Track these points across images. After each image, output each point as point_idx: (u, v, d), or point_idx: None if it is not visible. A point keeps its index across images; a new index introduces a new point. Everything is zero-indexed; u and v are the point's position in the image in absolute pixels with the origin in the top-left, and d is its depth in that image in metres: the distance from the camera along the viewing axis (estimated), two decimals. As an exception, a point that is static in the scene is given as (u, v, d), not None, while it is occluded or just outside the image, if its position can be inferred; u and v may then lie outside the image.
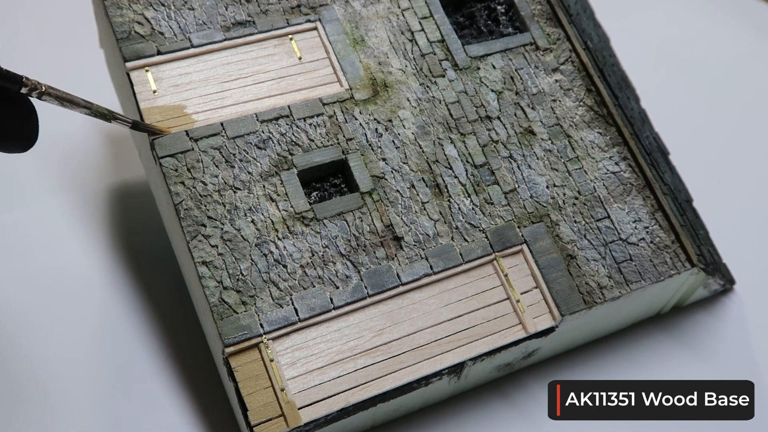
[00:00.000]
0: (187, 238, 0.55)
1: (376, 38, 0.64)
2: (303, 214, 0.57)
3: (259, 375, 0.53)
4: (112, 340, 0.64)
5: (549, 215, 0.61)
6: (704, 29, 0.98)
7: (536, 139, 0.63)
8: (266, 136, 0.59)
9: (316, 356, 0.54)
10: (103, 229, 0.71)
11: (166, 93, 0.59)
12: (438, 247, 0.58)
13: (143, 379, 0.62)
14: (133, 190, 0.75)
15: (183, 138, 0.57)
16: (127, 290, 0.67)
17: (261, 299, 0.54)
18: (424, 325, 0.56)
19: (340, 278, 0.56)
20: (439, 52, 0.65)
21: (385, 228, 0.58)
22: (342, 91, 0.61)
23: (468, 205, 0.60)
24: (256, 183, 0.57)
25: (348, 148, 0.60)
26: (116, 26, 0.60)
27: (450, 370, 0.56)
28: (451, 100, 0.63)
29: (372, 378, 0.54)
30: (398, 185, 0.59)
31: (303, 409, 0.52)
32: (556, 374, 0.63)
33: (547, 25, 0.68)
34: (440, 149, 0.61)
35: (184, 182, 0.56)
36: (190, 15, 0.61)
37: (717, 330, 0.67)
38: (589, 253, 0.60)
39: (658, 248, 0.61)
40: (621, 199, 0.62)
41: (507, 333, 0.57)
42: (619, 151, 0.64)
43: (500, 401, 0.62)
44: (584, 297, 0.59)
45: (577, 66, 0.67)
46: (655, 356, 0.65)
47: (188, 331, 0.64)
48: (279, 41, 0.63)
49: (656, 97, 0.75)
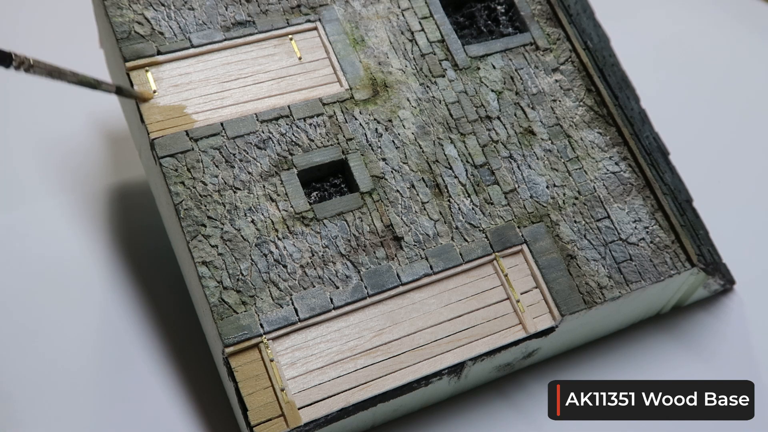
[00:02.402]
0: (187, 238, 0.55)
1: (376, 38, 0.64)
2: (303, 214, 0.57)
3: (259, 375, 0.53)
4: (111, 340, 0.64)
5: (549, 215, 0.61)
6: (704, 29, 0.98)
7: (536, 139, 0.63)
8: (266, 136, 0.59)
9: (316, 356, 0.54)
10: (103, 229, 0.71)
11: (166, 93, 0.59)
12: (438, 247, 0.58)
13: (143, 379, 0.62)
14: (133, 190, 0.75)
15: (183, 138, 0.57)
16: (127, 290, 0.67)
17: (261, 299, 0.54)
18: (424, 325, 0.56)
19: (340, 278, 0.56)
20: (439, 52, 0.65)
21: (385, 228, 0.58)
22: (342, 91, 0.61)
23: (468, 205, 0.60)
24: (256, 183, 0.57)
25: (348, 148, 0.60)
26: (116, 26, 0.60)
27: (450, 370, 0.56)
28: (451, 100, 0.63)
29: (372, 378, 0.54)
30: (398, 185, 0.59)
31: (303, 409, 0.52)
32: (556, 374, 0.63)
33: (547, 25, 0.68)
34: (440, 149, 0.61)
35: (184, 182, 0.56)
36: (190, 15, 0.61)
37: (717, 330, 0.67)
38: (589, 253, 0.60)
39: (658, 248, 0.61)
40: (621, 199, 0.62)
41: (507, 333, 0.57)
42: (619, 151, 0.64)
43: (500, 401, 0.62)
44: (584, 297, 0.59)
45: (577, 66, 0.67)
46: (655, 356, 0.65)
47: (188, 331, 0.64)
48: (279, 41, 0.63)
49: (656, 97, 0.74)
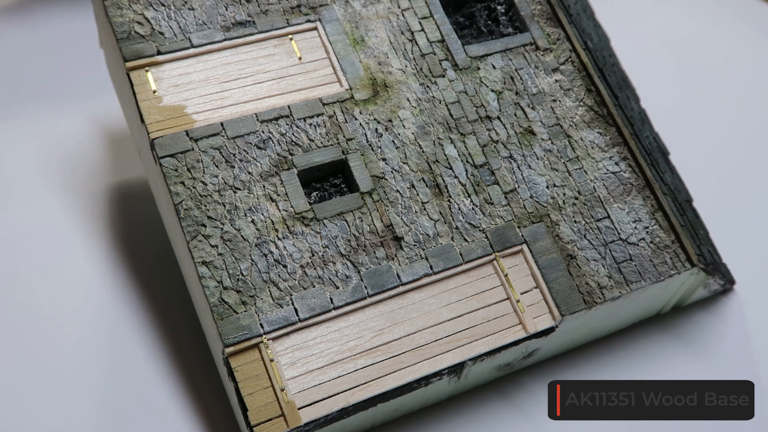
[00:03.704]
0: (187, 238, 0.55)
1: (376, 38, 0.64)
2: (303, 214, 0.57)
3: (259, 375, 0.53)
4: (111, 340, 0.64)
5: (549, 215, 0.61)
6: (704, 29, 0.98)
7: (536, 139, 0.63)
8: (266, 136, 0.59)
9: (316, 356, 0.54)
10: (103, 229, 0.71)
11: (166, 93, 0.59)
12: (438, 247, 0.58)
13: (143, 379, 0.62)
14: (133, 190, 0.75)
15: (183, 138, 0.57)
16: (127, 290, 0.67)
17: (261, 299, 0.54)
18: (424, 325, 0.56)
19: (340, 278, 0.56)
20: (439, 52, 0.65)
21: (385, 228, 0.58)
22: (342, 91, 0.61)
23: (468, 205, 0.60)
24: (256, 183, 0.57)
25: (348, 148, 0.60)
26: (116, 26, 0.60)
27: (450, 370, 0.56)
28: (451, 100, 0.63)
29: (372, 378, 0.54)
30: (398, 185, 0.59)
31: (303, 409, 0.52)
32: (556, 374, 0.63)
33: (547, 25, 0.68)
34: (440, 149, 0.61)
35: (184, 182, 0.56)
36: (190, 15, 0.61)
37: (717, 330, 0.67)
38: (589, 253, 0.60)
39: (658, 248, 0.61)
40: (621, 199, 0.62)
41: (507, 333, 0.57)
42: (619, 151, 0.64)
43: (500, 401, 0.62)
44: (584, 297, 0.59)
45: (577, 66, 0.67)
46: (655, 356, 0.65)
47: (188, 331, 0.64)
48: (279, 41, 0.63)
49: (656, 97, 0.75)
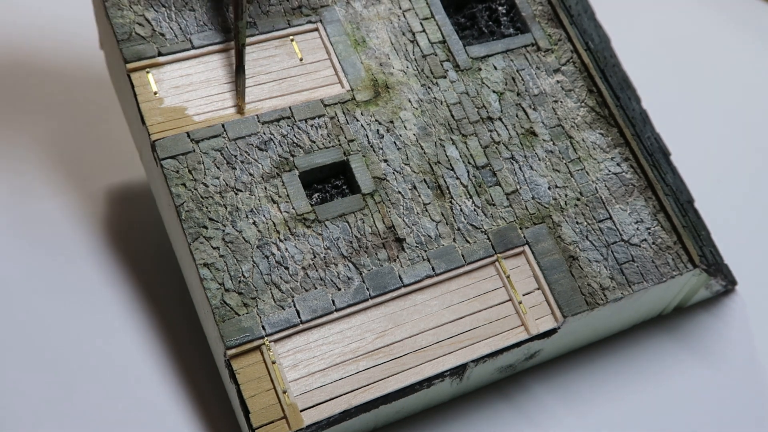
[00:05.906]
0: (189, 240, 0.55)
1: (377, 39, 0.64)
2: (304, 215, 0.57)
3: (261, 377, 0.52)
4: (112, 342, 0.64)
5: (551, 216, 0.61)
6: (705, 30, 0.98)
7: (538, 140, 0.63)
8: (267, 138, 0.59)
9: (318, 358, 0.54)
10: (103, 229, 0.71)
11: (167, 94, 0.59)
12: (440, 248, 0.58)
13: (144, 380, 0.62)
14: (133, 190, 0.75)
15: (184, 139, 0.57)
16: (127, 291, 0.67)
17: (263, 301, 0.54)
18: (426, 327, 0.56)
19: (342, 280, 0.56)
20: (440, 53, 0.65)
21: (386, 229, 0.58)
22: (343, 92, 0.61)
23: (470, 206, 0.60)
24: (257, 184, 0.57)
25: (349, 150, 0.59)
26: (117, 27, 0.59)
27: (452, 372, 0.55)
28: (452, 101, 0.63)
29: (374, 380, 0.54)
30: (400, 186, 0.59)
31: (305, 412, 0.52)
32: (558, 376, 0.63)
33: (549, 26, 0.68)
34: (442, 150, 0.61)
35: (186, 184, 0.56)
36: (191, 16, 0.61)
37: (719, 331, 0.67)
38: (591, 254, 0.60)
39: (660, 249, 0.61)
40: (623, 200, 0.62)
41: (509, 334, 0.57)
42: (620, 152, 0.64)
43: (502, 403, 0.62)
44: (586, 298, 0.58)
45: (578, 67, 0.67)
46: (657, 357, 0.65)
47: (189, 333, 0.64)
48: (280, 42, 0.62)
49: (657, 98, 0.75)
